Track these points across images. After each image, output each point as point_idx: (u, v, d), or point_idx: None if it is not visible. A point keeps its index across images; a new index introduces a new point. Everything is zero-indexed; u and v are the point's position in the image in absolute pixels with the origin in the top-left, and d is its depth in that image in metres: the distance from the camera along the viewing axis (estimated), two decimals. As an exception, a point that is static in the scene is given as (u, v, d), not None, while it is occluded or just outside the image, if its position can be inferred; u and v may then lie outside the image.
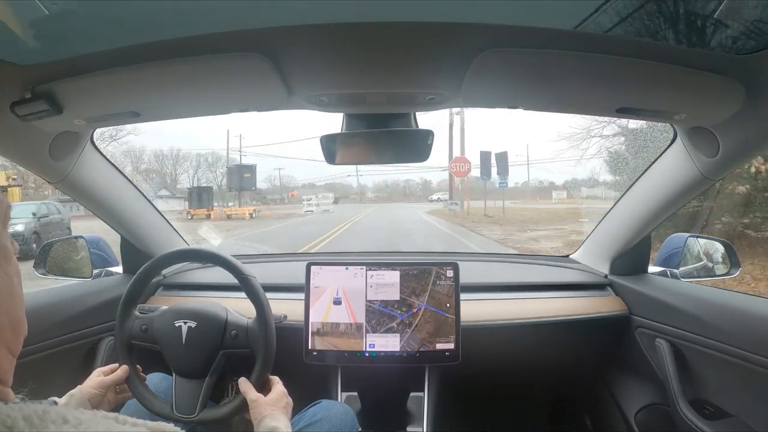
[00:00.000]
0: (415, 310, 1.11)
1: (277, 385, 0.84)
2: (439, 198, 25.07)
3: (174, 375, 0.88)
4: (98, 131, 1.06)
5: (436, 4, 0.53)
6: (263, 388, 0.84)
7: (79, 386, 0.80)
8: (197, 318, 0.87)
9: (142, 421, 0.36)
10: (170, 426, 0.37)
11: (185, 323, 0.87)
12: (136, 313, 0.93)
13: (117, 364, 0.87)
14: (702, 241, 1.30)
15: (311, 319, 1.11)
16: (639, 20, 0.55)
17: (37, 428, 0.29)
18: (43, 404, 0.31)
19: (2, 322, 0.36)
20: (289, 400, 0.82)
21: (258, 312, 0.87)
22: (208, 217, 15.48)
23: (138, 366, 0.91)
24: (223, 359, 0.87)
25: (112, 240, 1.37)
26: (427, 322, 1.10)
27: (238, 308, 0.96)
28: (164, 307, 0.93)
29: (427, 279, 1.12)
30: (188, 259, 0.95)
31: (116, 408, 0.89)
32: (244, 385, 0.82)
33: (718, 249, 1.27)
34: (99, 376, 0.83)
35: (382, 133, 0.89)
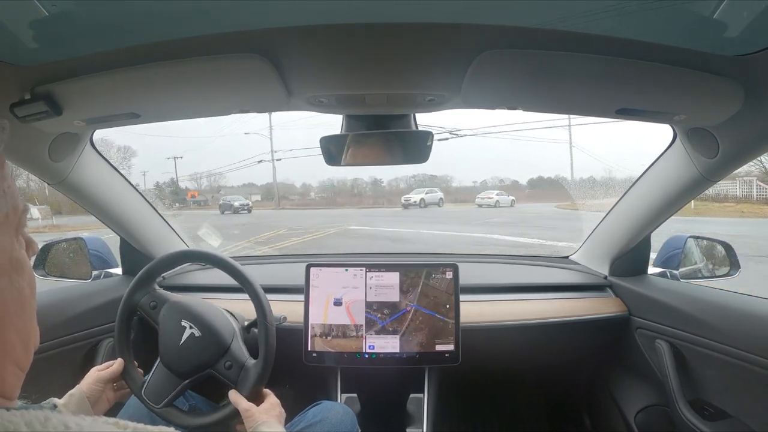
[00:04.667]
0: (414, 311, 1.11)
1: (270, 397, 0.83)
2: (417, 200, 14.42)
3: (159, 360, 0.88)
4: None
5: (435, 4, 0.53)
6: (256, 399, 0.82)
7: (77, 385, 0.81)
8: (204, 330, 0.86)
9: (143, 425, 0.35)
10: (170, 429, 0.37)
11: (191, 327, 0.86)
12: (155, 285, 0.94)
13: (113, 361, 0.87)
14: (701, 241, 1.31)
15: (311, 321, 1.11)
16: (639, 21, 0.55)
17: None
18: (45, 410, 0.31)
19: (12, 340, 0.34)
20: (282, 410, 0.81)
21: (262, 356, 0.84)
22: None
23: (135, 362, 0.90)
24: (207, 376, 0.86)
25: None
26: (426, 324, 1.10)
27: (237, 309, 0.97)
28: (179, 300, 0.92)
29: (427, 280, 1.12)
30: (222, 268, 0.93)
31: (116, 408, 0.89)
32: (235, 395, 0.81)
33: (717, 250, 1.27)
34: (96, 373, 0.84)
35: (382, 134, 0.89)
